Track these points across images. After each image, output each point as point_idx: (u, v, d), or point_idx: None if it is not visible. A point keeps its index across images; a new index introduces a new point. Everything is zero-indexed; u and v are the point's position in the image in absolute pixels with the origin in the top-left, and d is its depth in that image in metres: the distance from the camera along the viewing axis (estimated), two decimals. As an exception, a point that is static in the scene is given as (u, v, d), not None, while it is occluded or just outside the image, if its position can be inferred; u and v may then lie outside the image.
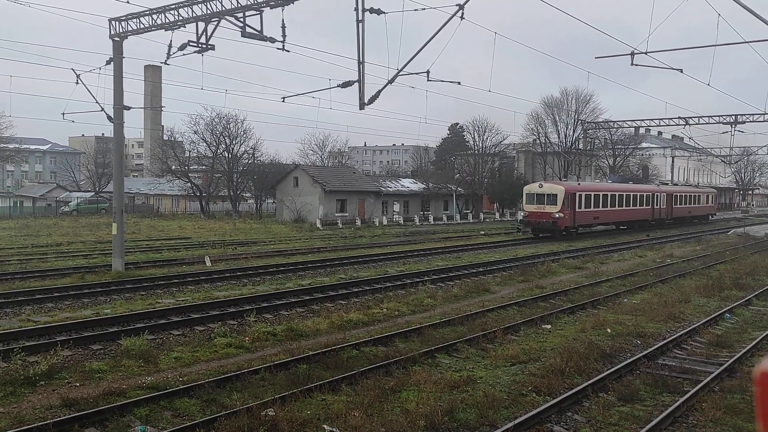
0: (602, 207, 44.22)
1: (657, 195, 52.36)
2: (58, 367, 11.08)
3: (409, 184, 68.63)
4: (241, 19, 21.23)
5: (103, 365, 11.52)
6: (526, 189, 42.77)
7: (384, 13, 19.53)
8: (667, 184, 65.84)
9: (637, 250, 35.43)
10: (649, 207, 51.15)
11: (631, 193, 48.84)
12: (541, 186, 42.01)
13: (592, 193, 43.83)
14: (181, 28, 23.16)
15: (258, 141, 68.96)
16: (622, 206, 46.89)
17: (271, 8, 20.91)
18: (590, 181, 64.51)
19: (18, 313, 15.70)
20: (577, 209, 41.27)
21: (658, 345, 13.29)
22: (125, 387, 10.18)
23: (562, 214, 39.76)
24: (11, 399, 9.75)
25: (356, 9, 19.36)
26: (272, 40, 21.20)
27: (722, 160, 76.55)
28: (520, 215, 43.99)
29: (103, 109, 24.93)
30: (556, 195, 40.37)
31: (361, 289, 20.10)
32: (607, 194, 45.49)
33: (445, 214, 67.51)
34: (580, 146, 69.11)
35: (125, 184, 28.58)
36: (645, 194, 50.73)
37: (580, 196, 42.04)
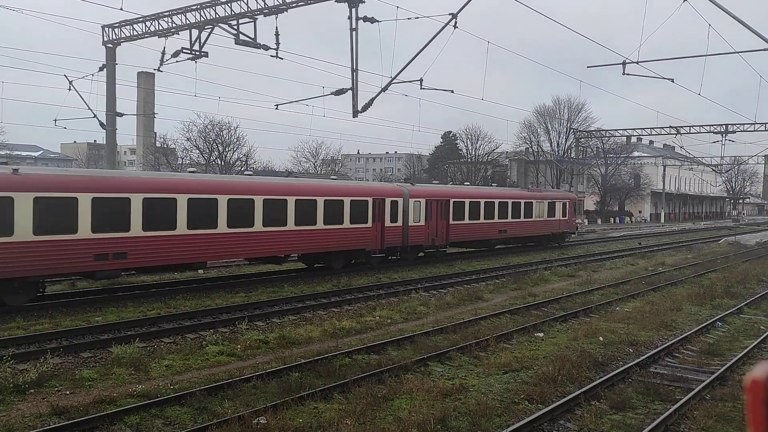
0: (160, 229, 19.04)
1: (399, 203, 27.60)
2: (48, 375, 11.00)
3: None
4: (235, 27, 21.29)
5: (94, 373, 11.44)
6: None
7: (377, 21, 19.63)
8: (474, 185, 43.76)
9: (628, 258, 35.57)
10: (369, 225, 26.09)
11: (290, 199, 22.77)
12: None
13: (105, 197, 17.89)
14: (175, 36, 23.21)
15: (251, 148, 68.53)
16: (270, 225, 22.07)
17: (264, 16, 20.99)
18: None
19: (8, 320, 15.56)
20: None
21: (650, 353, 13.32)
22: (116, 395, 10.10)
23: None
24: (0, 407, 9.66)
25: (350, 17, 19.45)
26: (266, 48, 21.27)
27: (713, 169, 77.24)
28: None
29: (95, 116, 24.91)
30: None
31: (353, 297, 20.06)
32: (174, 199, 19.38)
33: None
34: (573, 155, 69.46)
35: (117, 191, 28.27)
36: (348, 200, 25.13)
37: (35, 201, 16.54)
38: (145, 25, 23.10)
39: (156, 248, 18.93)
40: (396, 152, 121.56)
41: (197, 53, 22.44)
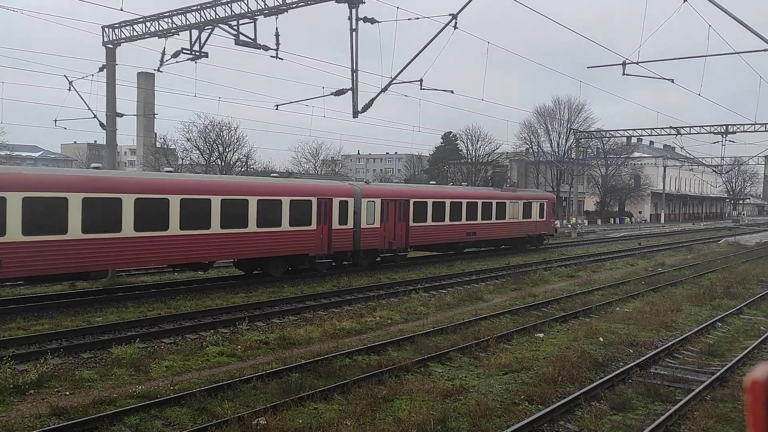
0: None
1: (349, 203, 25.11)
2: (48, 376, 11.00)
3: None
4: (235, 27, 21.29)
5: (94, 374, 11.44)
6: None
7: (378, 22, 19.64)
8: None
9: (628, 258, 35.55)
10: (313, 228, 23.49)
11: (214, 199, 20.25)
12: None
13: None
14: (175, 36, 23.21)
15: (251, 149, 68.69)
16: (191, 228, 19.63)
17: (264, 16, 20.99)
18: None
19: (8, 321, 15.56)
20: None
21: (650, 354, 13.32)
22: (115, 396, 10.10)
23: None
24: (0, 408, 9.66)
25: (350, 18, 19.45)
26: (266, 48, 21.26)
27: (713, 170, 77.23)
28: None
29: (95, 116, 24.92)
30: None
31: (353, 297, 20.06)
32: (65, 198, 16.98)
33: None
34: (573, 155, 69.47)
35: (117, 192, 28.16)
36: (287, 200, 22.59)
37: None
38: (145, 26, 23.10)
39: (40, 255, 16.29)
40: (396, 153, 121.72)
41: (197, 54, 22.45)
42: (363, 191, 26.28)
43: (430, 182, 49.79)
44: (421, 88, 23.40)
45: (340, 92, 21.38)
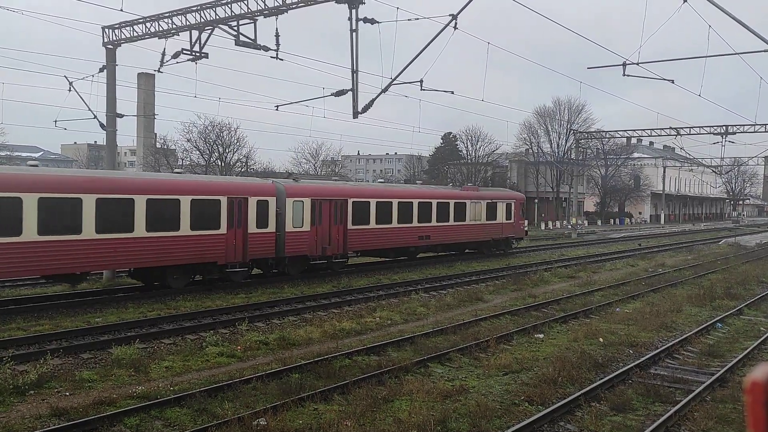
0: None
1: (269, 203, 22.08)
2: (48, 376, 11.00)
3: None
4: (235, 28, 21.30)
5: (94, 374, 11.44)
6: None
7: (378, 22, 19.65)
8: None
9: (629, 259, 35.56)
10: (222, 232, 20.52)
11: (86, 198, 17.25)
12: None
13: None
14: (175, 37, 23.22)
15: (251, 149, 68.70)
16: (55, 233, 16.56)
17: (264, 17, 21.00)
18: None
19: (8, 321, 15.56)
20: None
21: (650, 354, 13.32)
22: (115, 396, 10.10)
23: None
24: (0, 408, 9.65)
25: (350, 19, 19.46)
26: (266, 49, 21.27)
27: (713, 171, 77.23)
28: None
29: (95, 117, 24.93)
30: None
31: (353, 298, 20.07)
32: None
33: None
34: (573, 156, 69.47)
35: (117, 192, 27.98)
36: (186, 199, 19.71)
37: None
38: (145, 26, 23.11)
39: None
40: (396, 153, 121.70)
41: (197, 54, 22.47)
42: (288, 189, 23.01)
43: (379, 180, 48.15)
44: (421, 89, 23.41)
45: (340, 93, 21.38)
